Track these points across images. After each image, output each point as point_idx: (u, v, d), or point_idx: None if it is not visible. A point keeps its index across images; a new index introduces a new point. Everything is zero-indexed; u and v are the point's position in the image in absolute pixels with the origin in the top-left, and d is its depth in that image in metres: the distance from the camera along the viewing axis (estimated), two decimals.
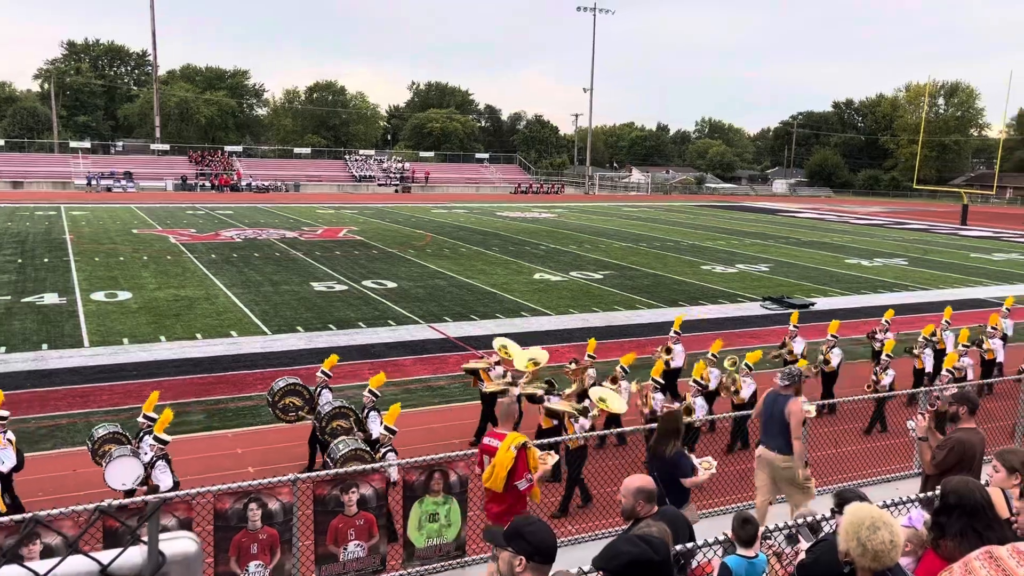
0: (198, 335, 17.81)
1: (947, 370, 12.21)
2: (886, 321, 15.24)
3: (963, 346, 13.70)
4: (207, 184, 69.06)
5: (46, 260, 27.20)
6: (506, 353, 12.01)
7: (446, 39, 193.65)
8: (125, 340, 17.14)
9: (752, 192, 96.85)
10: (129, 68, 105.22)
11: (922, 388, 11.44)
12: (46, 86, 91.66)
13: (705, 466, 7.46)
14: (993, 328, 14.81)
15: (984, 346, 14.32)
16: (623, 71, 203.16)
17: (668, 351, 13.53)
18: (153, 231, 36.69)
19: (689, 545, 4.44)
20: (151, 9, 72.65)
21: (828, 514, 4.78)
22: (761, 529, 4.94)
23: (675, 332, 13.89)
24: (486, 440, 7.27)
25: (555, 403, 10.31)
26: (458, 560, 7.95)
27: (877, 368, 13.06)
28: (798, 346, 14.22)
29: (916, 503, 5.13)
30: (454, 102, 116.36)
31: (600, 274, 27.87)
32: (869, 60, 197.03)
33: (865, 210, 69.99)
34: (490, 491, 6.95)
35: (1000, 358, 14.61)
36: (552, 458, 7.71)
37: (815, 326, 18.14)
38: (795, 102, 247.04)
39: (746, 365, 12.11)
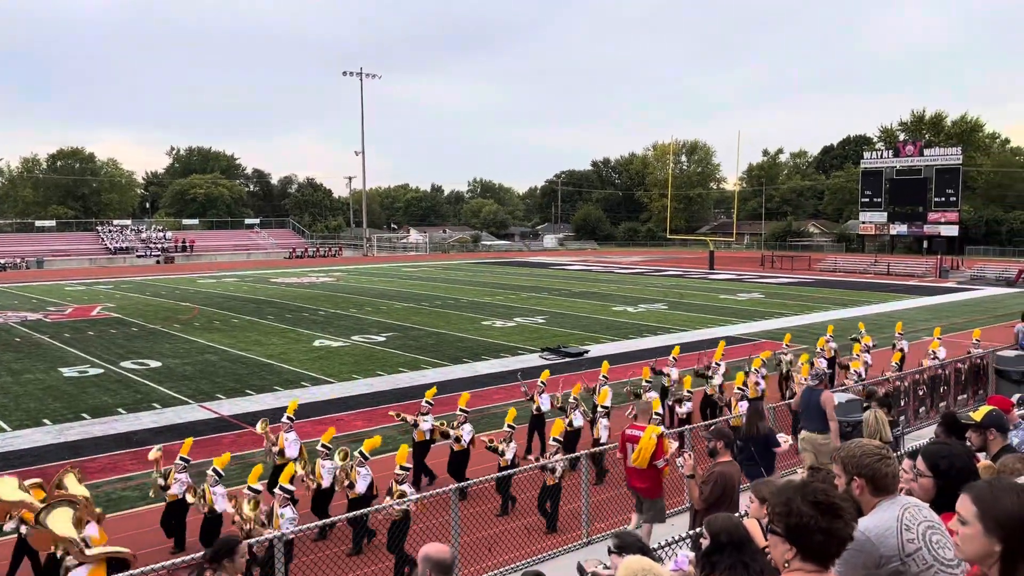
0: None
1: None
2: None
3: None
4: None
5: None
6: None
7: (206, 103, 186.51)
8: None
9: (525, 248, 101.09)
10: None
11: (687, 426, 12.30)
12: None
13: (784, 438, 9.40)
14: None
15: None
16: (393, 134, 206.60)
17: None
18: None
19: None
20: None
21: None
22: None
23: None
24: (628, 431, 8.98)
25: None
26: None
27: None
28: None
29: (683, 543, 5.37)
30: (219, 167, 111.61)
31: (383, 336, 27.54)
32: (617, 123, 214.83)
33: (627, 259, 75.32)
34: (635, 470, 8.77)
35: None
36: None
37: (590, 372, 18.98)
38: (557, 161, 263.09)
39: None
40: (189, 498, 10.00)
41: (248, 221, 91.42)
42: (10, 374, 21.29)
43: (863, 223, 77.93)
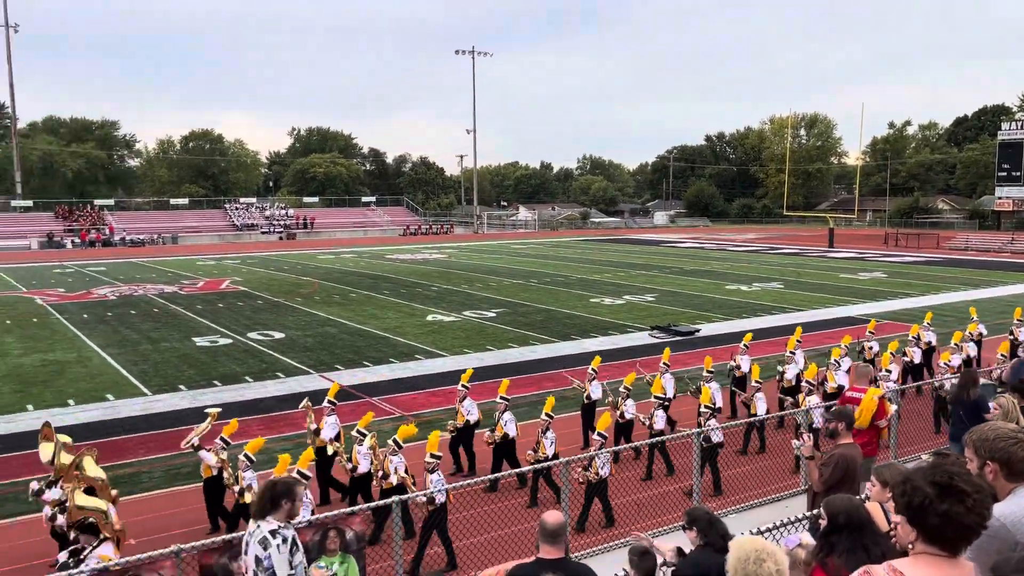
0: (70, 401, 16.70)
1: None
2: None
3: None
4: (78, 240, 65.52)
5: None
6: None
7: (325, 84, 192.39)
8: None
9: (635, 225, 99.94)
10: None
11: (799, 408, 11.92)
12: None
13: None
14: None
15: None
16: (504, 112, 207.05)
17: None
18: (16, 293, 34.41)
19: None
20: (8, 60, 69.04)
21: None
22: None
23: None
24: (849, 393, 9.67)
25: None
26: None
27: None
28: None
29: (799, 525, 5.28)
30: (337, 146, 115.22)
31: (492, 312, 27.95)
32: (734, 96, 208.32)
33: (741, 237, 73.33)
34: (855, 430, 8.80)
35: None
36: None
37: (699, 352, 18.70)
38: (669, 137, 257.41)
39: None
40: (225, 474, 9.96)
41: (364, 199, 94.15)
42: (150, 342, 22.85)
43: (999, 199, 72.76)
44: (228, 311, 28.69)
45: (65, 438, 9.18)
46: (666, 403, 12.77)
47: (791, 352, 14.94)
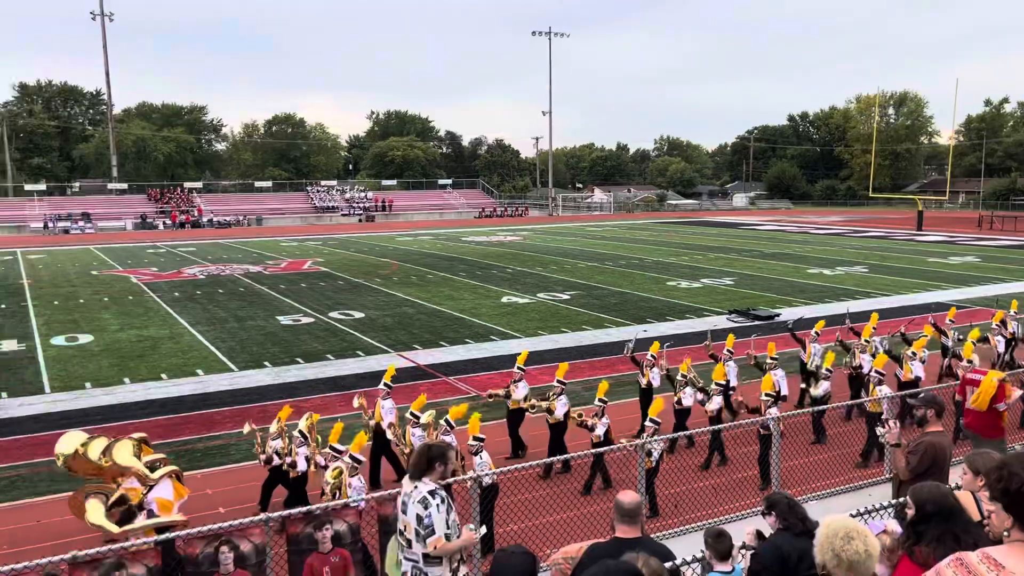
0: (163, 375, 17.49)
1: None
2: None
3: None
4: (169, 222, 68.22)
5: (3, 306, 26.60)
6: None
7: (403, 68, 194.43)
8: (88, 384, 16.78)
9: (713, 207, 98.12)
10: (83, 108, 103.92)
11: (886, 395, 11.53)
12: None
13: None
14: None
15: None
16: (581, 93, 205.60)
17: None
18: (113, 272, 36.09)
19: (667, 564, 4.43)
20: (104, 49, 72.05)
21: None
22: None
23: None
24: (969, 375, 9.84)
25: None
26: None
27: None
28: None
29: (884, 512, 5.17)
30: (414, 129, 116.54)
31: (567, 294, 27.94)
32: (818, 74, 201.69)
33: (824, 220, 71.19)
34: (973, 411, 9.42)
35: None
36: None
37: (781, 337, 18.32)
38: (750, 117, 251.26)
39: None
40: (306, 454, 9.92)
41: (441, 182, 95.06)
42: (236, 320, 23.69)
43: None
44: (310, 291, 29.47)
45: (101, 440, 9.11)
46: (728, 391, 12.53)
47: (866, 340, 14.42)
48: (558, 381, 11.90)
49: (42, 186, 74.94)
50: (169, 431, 13.68)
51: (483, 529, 6.45)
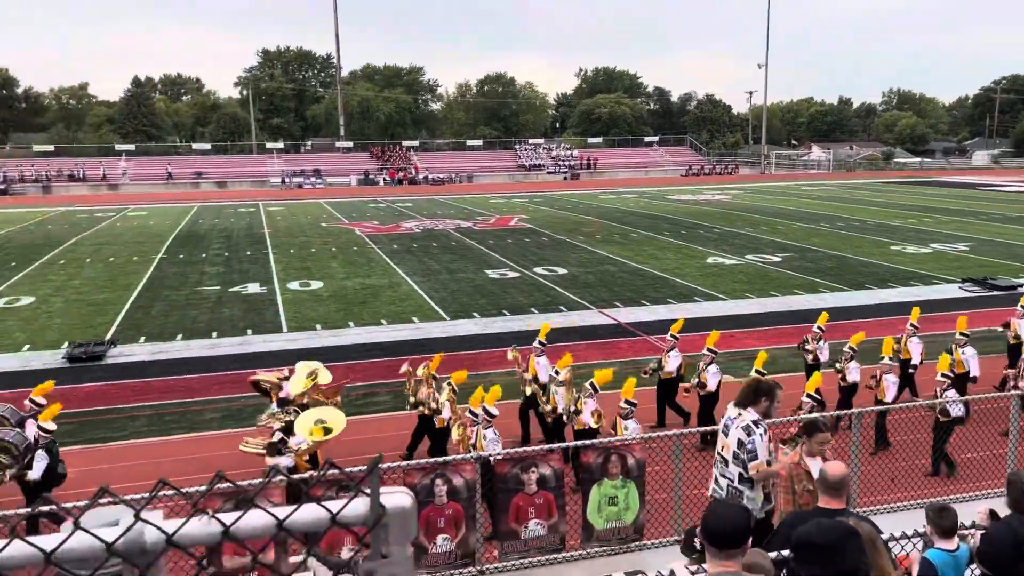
0: (383, 321, 18.87)
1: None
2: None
3: None
4: (388, 179, 72.61)
5: (248, 253, 29.72)
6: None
7: (611, 24, 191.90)
8: (318, 326, 18.46)
9: (948, 166, 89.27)
10: (316, 71, 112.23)
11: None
12: (244, 92, 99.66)
13: None
14: None
15: None
16: (799, 44, 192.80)
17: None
18: (340, 224, 39.10)
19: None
20: (335, 14, 77.21)
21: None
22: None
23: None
24: None
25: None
26: (636, 543, 8.01)
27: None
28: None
29: None
30: (622, 86, 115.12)
31: (778, 256, 26.79)
32: None
33: None
34: None
35: None
36: None
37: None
38: (997, 66, 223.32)
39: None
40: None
41: (647, 139, 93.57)
42: (448, 272, 24.97)
43: None
44: (516, 246, 30.36)
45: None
46: (911, 369, 11.51)
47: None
48: (708, 350, 11.47)
49: (280, 144, 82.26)
50: (389, 373, 14.62)
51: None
